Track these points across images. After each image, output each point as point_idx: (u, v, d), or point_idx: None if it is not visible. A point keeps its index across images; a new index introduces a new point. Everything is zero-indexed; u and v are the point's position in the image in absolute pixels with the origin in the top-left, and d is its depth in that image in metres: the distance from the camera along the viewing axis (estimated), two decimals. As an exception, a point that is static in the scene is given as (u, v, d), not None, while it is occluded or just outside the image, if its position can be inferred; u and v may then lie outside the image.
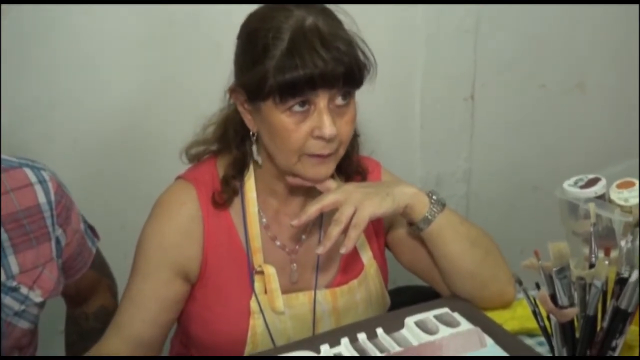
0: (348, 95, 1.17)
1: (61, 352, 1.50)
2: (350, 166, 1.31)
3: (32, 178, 1.18)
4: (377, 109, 1.76)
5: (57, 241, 1.22)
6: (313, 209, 1.18)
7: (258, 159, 1.24)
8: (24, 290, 1.18)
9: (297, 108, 1.14)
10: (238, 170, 1.26)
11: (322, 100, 1.13)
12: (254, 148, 1.24)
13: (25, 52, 1.55)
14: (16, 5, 1.50)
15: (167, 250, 1.23)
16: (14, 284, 1.17)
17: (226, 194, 1.25)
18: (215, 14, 1.62)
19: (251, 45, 1.16)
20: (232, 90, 1.22)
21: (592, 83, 2.25)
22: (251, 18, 1.20)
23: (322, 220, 1.30)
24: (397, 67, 1.91)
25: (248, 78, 1.16)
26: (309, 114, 1.14)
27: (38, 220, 1.18)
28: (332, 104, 1.15)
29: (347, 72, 1.13)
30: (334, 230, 1.15)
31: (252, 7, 1.21)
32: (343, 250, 1.15)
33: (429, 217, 1.22)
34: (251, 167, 1.27)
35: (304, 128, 1.15)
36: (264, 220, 1.28)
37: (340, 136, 1.17)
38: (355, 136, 1.31)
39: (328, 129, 1.13)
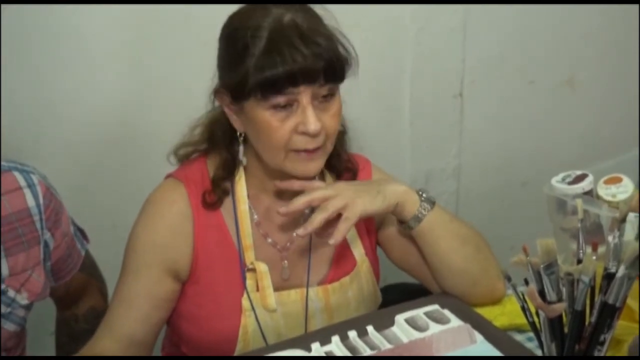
0: (331, 89, 1.17)
1: (52, 353, 1.50)
2: (340, 162, 1.31)
3: (21, 182, 1.18)
4: (366, 107, 1.77)
5: (45, 245, 1.22)
6: (301, 200, 1.18)
7: (243, 160, 1.25)
8: (11, 293, 1.18)
9: (280, 105, 1.14)
10: (228, 171, 1.26)
11: (305, 96, 1.14)
12: (241, 149, 1.24)
13: (19, 52, 1.54)
14: (15, 5, 1.49)
15: (158, 248, 1.23)
16: (2, 287, 1.17)
17: (216, 194, 1.25)
18: (204, 13, 1.62)
19: (231, 45, 1.16)
20: (217, 92, 1.23)
21: (581, 79, 2.25)
22: (231, 19, 1.20)
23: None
24: (386, 65, 1.92)
25: (230, 78, 1.17)
26: (293, 110, 1.15)
27: (28, 224, 1.18)
28: (315, 99, 1.16)
29: (328, 66, 1.14)
30: (318, 216, 1.16)
31: (238, 7, 1.21)
32: (332, 242, 1.16)
33: (419, 215, 1.22)
34: (241, 167, 1.27)
35: (289, 124, 1.15)
36: (256, 217, 1.28)
37: (325, 130, 1.17)
38: (343, 132, 1.31)
39: (312, 124, 1.14)
